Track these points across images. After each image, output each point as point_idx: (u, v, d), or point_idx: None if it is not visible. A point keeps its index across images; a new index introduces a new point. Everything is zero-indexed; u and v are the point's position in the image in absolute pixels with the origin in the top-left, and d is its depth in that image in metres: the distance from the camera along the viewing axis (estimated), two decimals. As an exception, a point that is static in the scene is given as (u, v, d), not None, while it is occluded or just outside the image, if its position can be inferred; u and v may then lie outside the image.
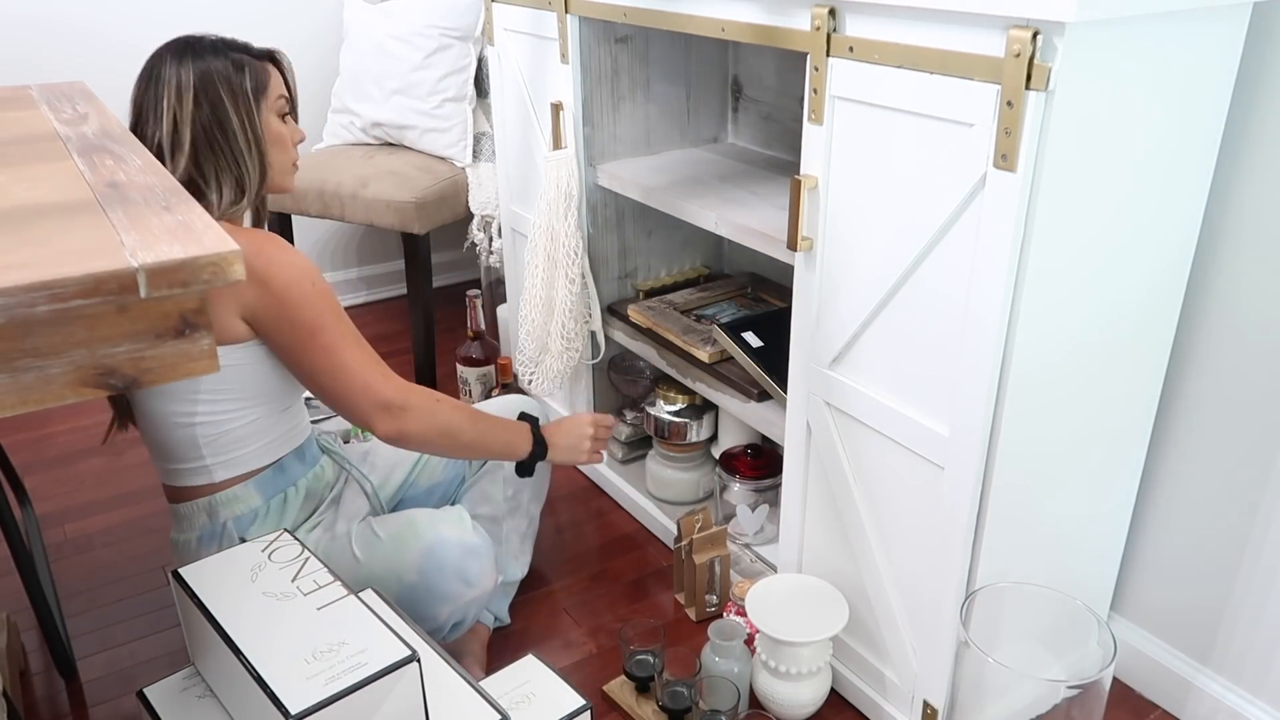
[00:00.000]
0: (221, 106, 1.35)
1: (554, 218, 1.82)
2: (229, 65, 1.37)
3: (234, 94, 1.36)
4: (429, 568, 1.40)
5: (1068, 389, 1.24)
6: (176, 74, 1.35)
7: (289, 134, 1.45)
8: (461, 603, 1.42)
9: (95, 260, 0.64)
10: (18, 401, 0.64)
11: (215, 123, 1.35)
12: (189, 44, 1.38)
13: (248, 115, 1.37)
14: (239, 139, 1.36)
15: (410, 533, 1.43)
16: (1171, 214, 1.24)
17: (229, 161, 1.36)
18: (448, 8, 2.43)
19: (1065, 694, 1.11)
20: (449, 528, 1.43)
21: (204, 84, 1.34)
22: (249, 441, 1.41)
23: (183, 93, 1.34)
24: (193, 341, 0.68)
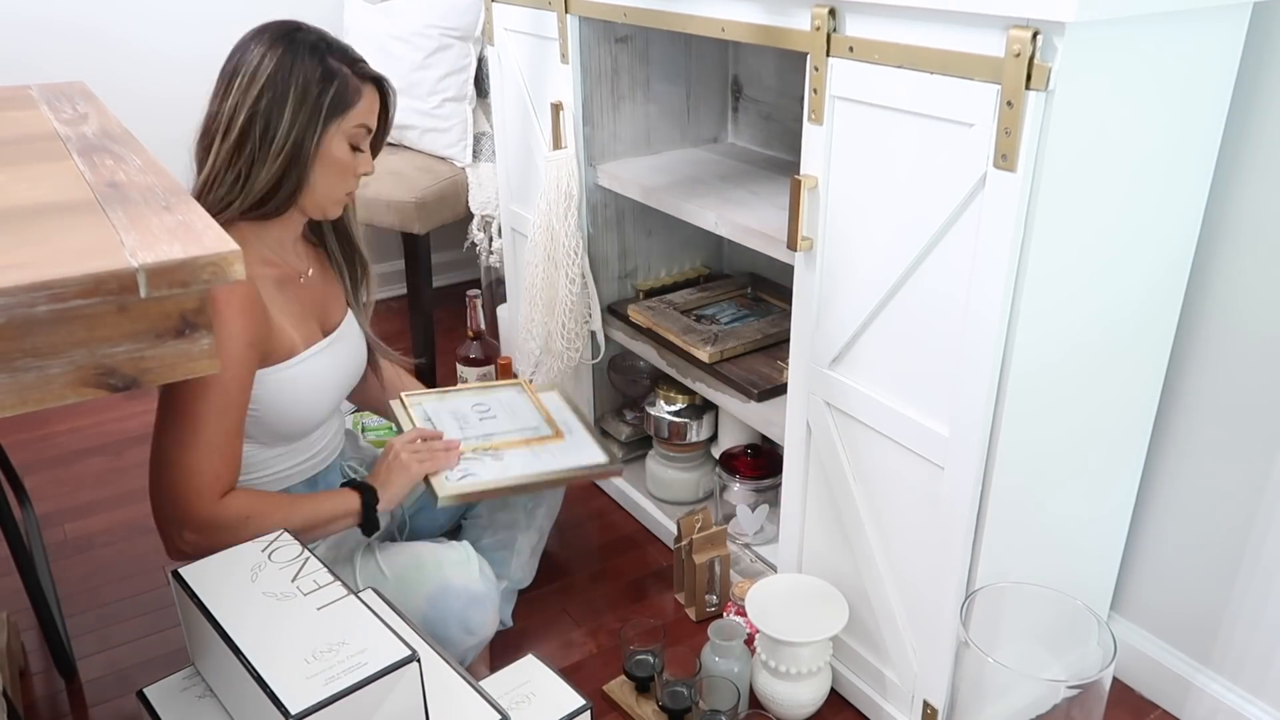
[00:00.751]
0: (281, 107, 1.25)
1: (554, 218, 1.82)
2: (318, 70, 1.27)
3: (302, 100, 1.26)
4: (433, 615, 1.39)
5: (1068, 389, 1.24)
6: (261, 58, 1.26)
7: (354, 164, 1.33)
8: (461, 649, 1.43)
9: (95, 260, 0.64)
10: (18, 401, 0.64)
11: (264, 120, 1.25)
12: (291, 32, 1.29)
13: (304, 127, 1.26)
14: (276, 145, 1.26)
15: (416, 575, 1.41)
16: (1171, 214, 1.24)
17: (247, 158, 1.26)
18: (448, 8, 2.43)
19: (1065, 694, 1.11)
20: (455, 573, 1.41)
21: (279, 78, 1.25)
22: (244, 472, 1.36)
23: (256, 78, 1.25)
24: (193, 341, 0.68)
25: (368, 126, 1.34)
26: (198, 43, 2.62)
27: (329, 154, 1.30)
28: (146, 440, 2.33)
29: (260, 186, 1.27)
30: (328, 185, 1.32)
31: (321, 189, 1.32)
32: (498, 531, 1.66)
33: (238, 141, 1.26)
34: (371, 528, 1.41)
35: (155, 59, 2.59)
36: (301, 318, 1.38)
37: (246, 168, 1.27)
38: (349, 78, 1.30)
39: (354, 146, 1.33)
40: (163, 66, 2.60)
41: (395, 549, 1.47)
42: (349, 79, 1.30)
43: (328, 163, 1.30)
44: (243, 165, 1.27)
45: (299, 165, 1.28)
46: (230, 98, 1.26)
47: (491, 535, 1.66)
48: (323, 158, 1.29)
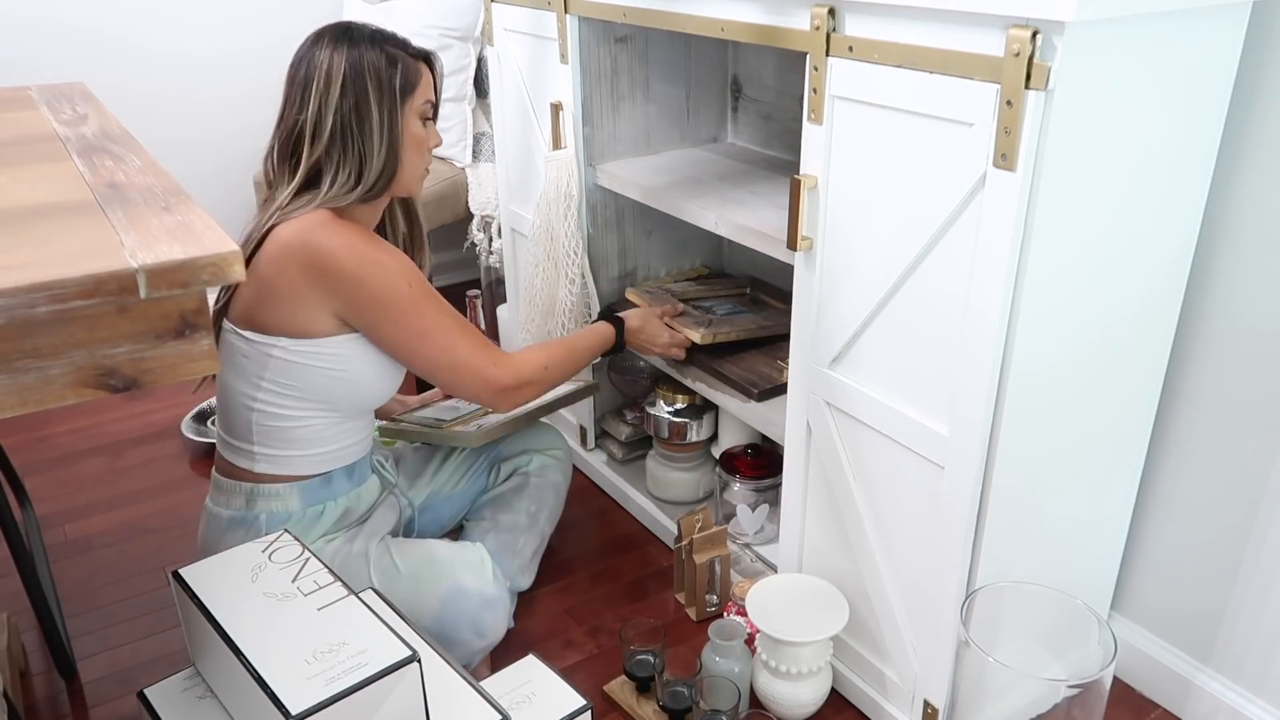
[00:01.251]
0: (366, 99, 1.34)
1: (554, 218, 1.82)
2: (382, 58, 1.36)
3: (380, 89, 1.35)
4: (445, 616, 1.41)
5: (1068, 388, 1.24)
6: (329, 60, 1.34)
7: (428, 138, 1.43)
8: (470, 651, 1.44)
9: (95, 261, 0.64)
10: (18, 402, 0.64)
11: (356, 114, 1.34)
12: (346, 31, 1.37)
13: (390, 112, 1.36)
14: (375, 134, 1.35)
15: (431, 573, 1.43)
16: (1171, 214, 1.24)
17: (355, 153, 1.35)
18: (447, 8, 2.43)
19: (1066, 693, 1.11)
20: (469, 575, 1.44)
21: (354, 74, 1.34)
22: (301, 445, 1.42)
23: (332, 80, 1.33)
24: (192, 342, 0.68)
25: (431, 100, 1.43)
26: (198, 43, 2.62)
27: (409, 132, 1.40)
28: (146, 440, 2.35)
29: (375, 171, 1.37)
30: (413, 162, 1.42)
31: (409, 167, 1.42)
32: (500, 534, 1.67)
33: (340, 140, 1.35)
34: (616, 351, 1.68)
35: (155, 60, 2.59)
36: None
37: (357, 162, 1.36)
38: (407, 58, 1.39)
39: (423, 120, 1.42)
40: (163, 67, 2.60)
41: (410, 545, 1.49)
42: (407, 59, 1.39)
43: (410, 141, 1.40)
44: (352, 161, 1.36)
45: (395, 149, 1.38)
46: (311, 104, 1.35)
47: (494, 537, 1.66)
48: (406, 137, 1.39)
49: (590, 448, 2.13)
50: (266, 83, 2.70)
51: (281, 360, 1.36)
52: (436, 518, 1.69)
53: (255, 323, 1.35)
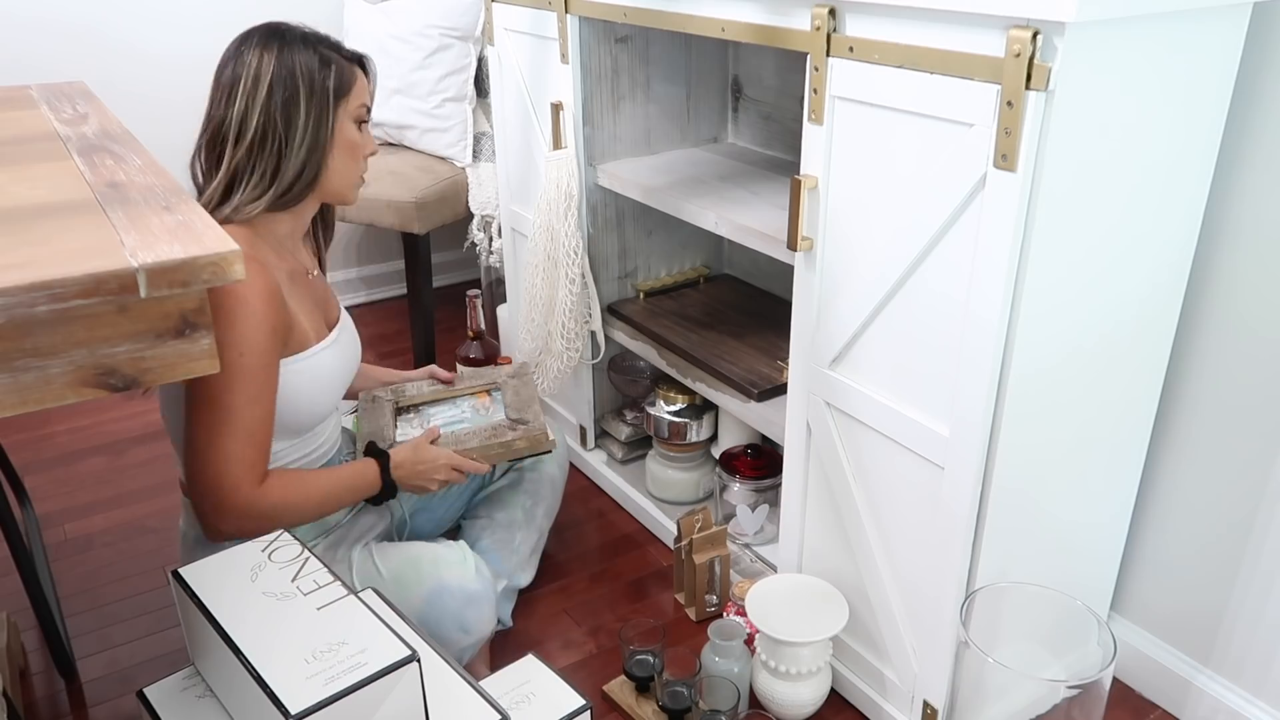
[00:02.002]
0: (295, 100, 1.30)
1: (554, 217, 1.82)
2: (315, 59, 1.32)
3: (311, 89, 1.31)
4: (429, 615, 1.40)
5: (1069, 389, 1.24)
6: (259, 60, 1.30)
7: (362, 144, 1.39)
8: (457, 649, 1.43)
9: (95, 260, 0.64)
10: (18, 402, 0.64)
11: (284, 115, 1.30)
12: (278, 30, 1.33)
13: (319, 114, 1.32)
14: (299, 136, 1.31)
15: (413, 574, 1.42)
16: (1171, 215, 1.24)
17: (274, 153, 1.31)
18: (448, 8, 2.43)
19: (1065, 694, 1.11)
20: (451, 573, 1.42)
21: (284, 74, 1.30)
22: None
23: (260, 80, 1.30)
24: (193, 341, 0.68)
25: (366, 104, 1.39)
26: (198, 43, 2.62)
27: (342, 136, 1.35)
28: (146, 440, 2.35)
29: (289, 178, 1.32)
30: (344, 168, 1.37)
31: (339, 172, 1.37)
32: (497, 531, 1.66)
33: (259, 141, 1.30)
34: (384, 498, 1.46)
35: (155, 59, 2.59)
36: (311, 313, 1.41)
37: (274, 164, 1.31)
38: (341, 61, 1.35)
39: (358, 125, 1.38)
40: (163, 67, 2.60)
41: (392, 548, 1.47)
42: (341, 62, 1.35)
43: (343, 145, 1.35)
44: (268, 162, 1.31)
45: (318, 152, 1.33)
46: (237, 103, 1.30)
47: (491, 535, 1.66)
48: (337, 141, 1.34)
49: (590, 448, 2.13)
50: (267, 82, 2.70)
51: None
52: (432, 518, 1.69)
53: None
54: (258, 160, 1.31)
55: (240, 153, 1.30)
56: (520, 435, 1.57)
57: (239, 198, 1.31)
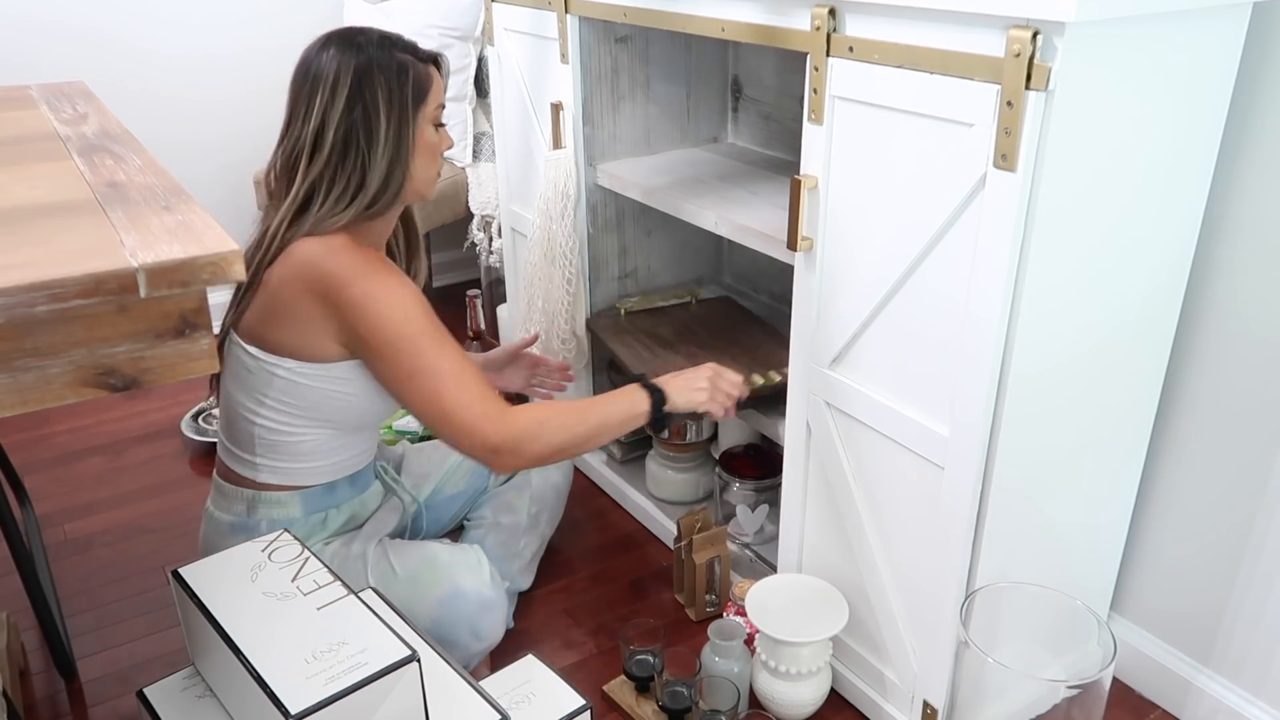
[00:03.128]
0: (375, 109, 1.28)
1: (552, 218, 1.82)
2: (393, 64, 1.30)
3: (390, 98, 1.29)
4: (443, 619, 1.40)
5: (1069, 390, 1.24)
6: (336, 67, 1.28)
7: (440, 143, 1.38)
8: (468, 653, 1.43)
9: (95, 260, 0.64)
10: (18, 402, 0.64)
11: (364, 124, 1.28)
12: (352, 37, 1.31)
13: (400, 122, 1.30)
14: (380, 146, 1.30)
15: (429, 576, 1.42)
16: (1171, 215, 1.24)
17: (358, 167, 1.29)
18: (448, 8, 2.43)
19: (1065, 694, 1.11)
20: (467, 577, 1.42)
21: (362, 82, 1.28)
22: (304, 459, 1.41)
23: (338, 89, 1.28)
24: (192, 341, 0.68)
25: (443, 104, 1.38)
26: (198, 43, 2.62)
27: (422, 140, 1.35)
28: (146, 440, 2.35)
29: (374, 189, 1.31)
30: (425, 169, 1.37)
31: (420, 174, 1.37)
32: (501, 534, 1.66)
33: (340, 152, 1.29)
34: (659, 426, 1.44)
35: (155, 59, 2.59)
36: None
37: (359, 174, 1.31)
38: (418, 64, 1.34)
39: (435, 126, 1.38)
40: (163, 67, 2.60)
41: (407, 547, 1.48)
42: (418, 65, 1.34)
43: (423, 149, 1.35)
44: (353, 173, 1.30)
45: (403, 159, 1.33)
46: (314, 116, 1.29)
47: (495, 538, 1.66)
48: (418, 145, 1.34)
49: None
50: (267, 83, 2.70)
51: (286, 380, 1.34)
52: (438, 518, 1.69)
53: (262, 340, 1.33)
54: (339, 172, 1.30)
55: (318, 165, 1.29)
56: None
57: (319, 211, 1.30)
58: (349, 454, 1.45)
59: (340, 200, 1.30)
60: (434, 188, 1.42)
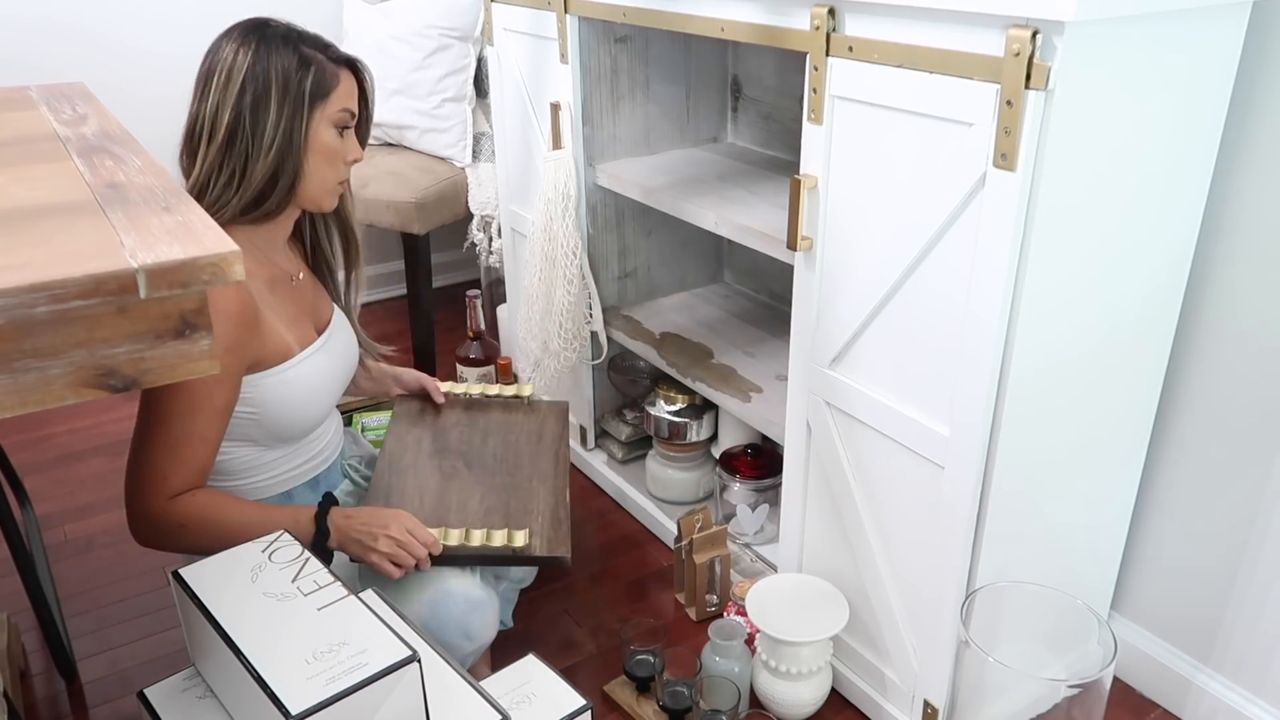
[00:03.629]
0: (266, 100, 1.24)
1: (552, 218, 1.82)
2: (294, 59, 1.26)
3: (285, 90, 1.25)
4: (432, 621, 1.38)
5: (1069, 390, 1.24)
6: (235, 55, 1.26)
7: (342, 150, 1.32)
8: (461, 654, 1.42)
9: (95, 261, 0.64)
10: (18, 402, 0.64)
11: (252, 115, 1.25)
12: (259, 26, 1.29)
13: (291, 117, 1.26)
14: (267, 139, 1.25)
15: (415, 578, 1.39)
16: (1171, 215, 1.24)
17: (240, 157, 1.26)
18: (447, 8, 2.43)
19: (1065, 693, 1.11)
20: (455, 579, 1.40)
21: (256, 72, 1.25)
22: (241, 476, 1.37)
23: (233, 75, 1.25)
24: (192, 342, 0.68)
25: (350, 110, 1.32)
26: (198, 44, 2.60)
27: (318, 141, 1.29)
28: (146, 441, 2.33)
29: (257, 182, 1.27)
30: (320, 174, 1.31)
31: (315, 179, 1.31)
32: None
33: (226, 140, 1.25)
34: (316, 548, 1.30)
35: (155, 60, 2.59)
36: (295, 319, 1.38)
37: (241, 165, 1.26)
38: (325, 63, 1.29)
39: (339, 129, 1.32)
40: (162, 67, 2.60)
41: None
42: (325, 64, 1.29)
43: (317, 150, 1.29)
44: (236, 163, 1.26)
45: (292, 156, 1.27)
46: (210, 99, 1.26)
47: None
48: (312, 146, 1.29)
49: (590, 448, 2.13)
50: (266, 83, 2.69)
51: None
52: None
53: None
54: (225, 161, 1.26)
55: (211, 151, 1.26)
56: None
57: (207, 200, 1.26)
58: (293, 464, 1.41)
59: (225, 191, 1.26)
60: (332, 199, 1.35)
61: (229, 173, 1.26)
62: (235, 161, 1.26)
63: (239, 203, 1.27)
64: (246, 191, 1.27)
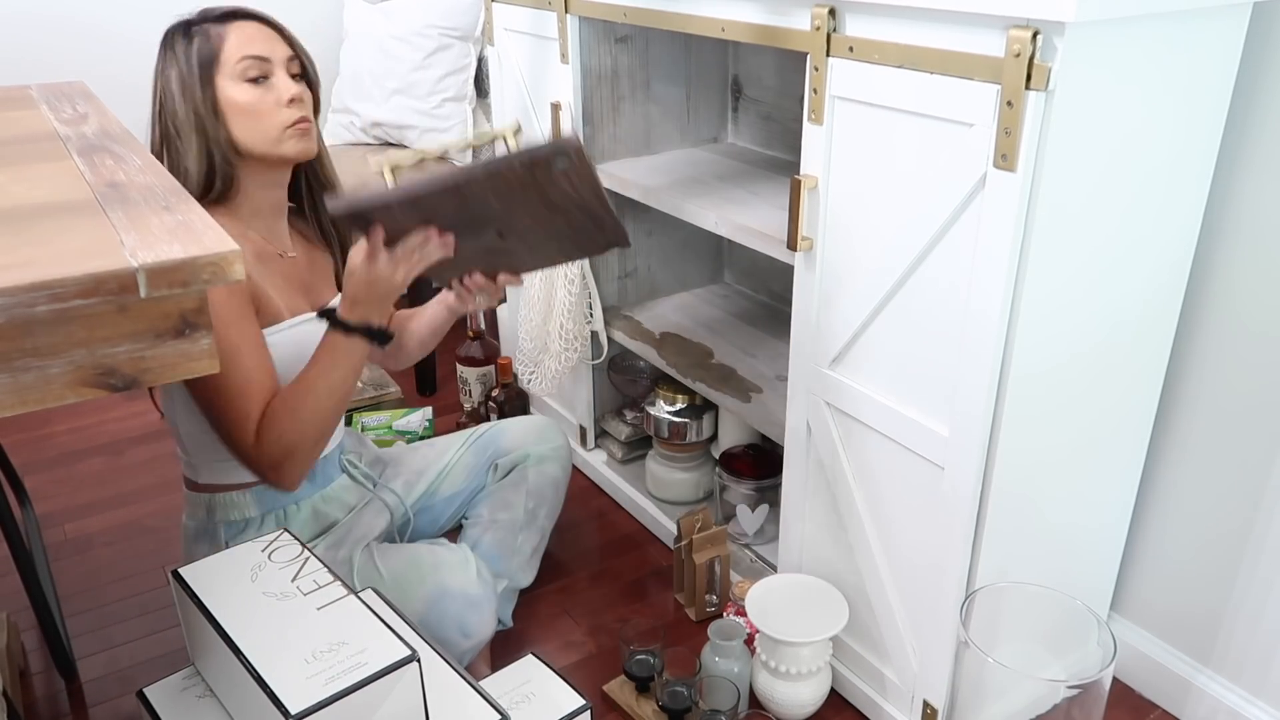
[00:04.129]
0: (170, 96, 1.27)
1: (554, 218, 1.82)
2: (182, 43, 1.28)
3: (181, 76, 1.27)
4: (429, 618, 1.39)
5: (1069, 390, 1.24)
6: (156, 67, 1.31)
7: (265, 97, 1.28)
8: (458, 652, 1.43)
9: (95, 260, 0.64)
10: (18, 402, 0.64)
11: (171, 119, 1.28)
12: (166, 32, 1.32)
13: (193, 97, 1.26)
14: (184, 126, 1.27)
15: (414, 575, 1.41)
16: (1171, 215, 1.24)
17: (178, 156, 1.28)
18: (448, 8, 2.43)
19: (1065, 694, 1.11)
20: (452, 576, 1.41)
21: (160, 74, 1.29)
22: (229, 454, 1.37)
23: (154, 94, 1.31)
24: (193, 341, 0.68)
25: (252, 55, 1.28)
26: (198, 43, 2.62)
27: (229, 102, 1.27)
28: (146, 440, 2.35)
29: (196, 168, 1.27)
30: (251, 129, 1.28)
31: (249, 136, 1.28)
32: (499, 532, 1.66)
33: (166, 150, 1.29)
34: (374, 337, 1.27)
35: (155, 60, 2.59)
36: (284, 290, 1.37)
37: (178, 160, 1.28)
38: (206, 28, 1.30)
39: (250, 81, 1.28)
40: (163, 66, 2.60)
41: (393, 550, 1.47)
42: (206, 29, 1.30)
43: (234, 111, 1.28)
44: (176, 160, 1.28)
45: (211, 128, 1.27)
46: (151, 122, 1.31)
47: (493, 535, 1.66)
48: (227, 109, 1.28)
49: (590, 448, 2.13)
50: (267, 82, 2.69)
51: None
52: (434, 519, 1.69)
53: None
54: (174, 168, 1.28)
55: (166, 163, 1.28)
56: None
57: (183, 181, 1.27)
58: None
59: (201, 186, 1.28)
60: (292, 145, 1.30)
61: (175, 170, 1.27)
62: (176, 161, 1.28)
63: (196, 192, 1.27)
64: (190, 180, 1.27)
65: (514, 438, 1.73)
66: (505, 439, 1.73)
